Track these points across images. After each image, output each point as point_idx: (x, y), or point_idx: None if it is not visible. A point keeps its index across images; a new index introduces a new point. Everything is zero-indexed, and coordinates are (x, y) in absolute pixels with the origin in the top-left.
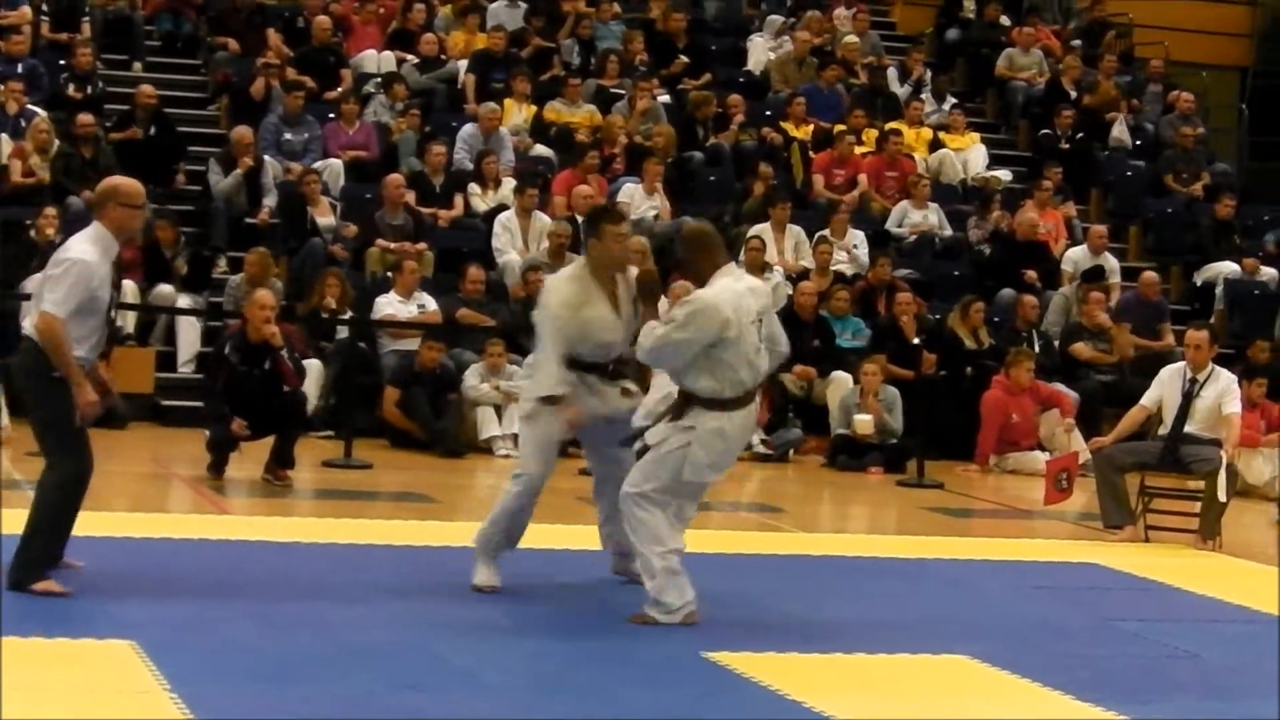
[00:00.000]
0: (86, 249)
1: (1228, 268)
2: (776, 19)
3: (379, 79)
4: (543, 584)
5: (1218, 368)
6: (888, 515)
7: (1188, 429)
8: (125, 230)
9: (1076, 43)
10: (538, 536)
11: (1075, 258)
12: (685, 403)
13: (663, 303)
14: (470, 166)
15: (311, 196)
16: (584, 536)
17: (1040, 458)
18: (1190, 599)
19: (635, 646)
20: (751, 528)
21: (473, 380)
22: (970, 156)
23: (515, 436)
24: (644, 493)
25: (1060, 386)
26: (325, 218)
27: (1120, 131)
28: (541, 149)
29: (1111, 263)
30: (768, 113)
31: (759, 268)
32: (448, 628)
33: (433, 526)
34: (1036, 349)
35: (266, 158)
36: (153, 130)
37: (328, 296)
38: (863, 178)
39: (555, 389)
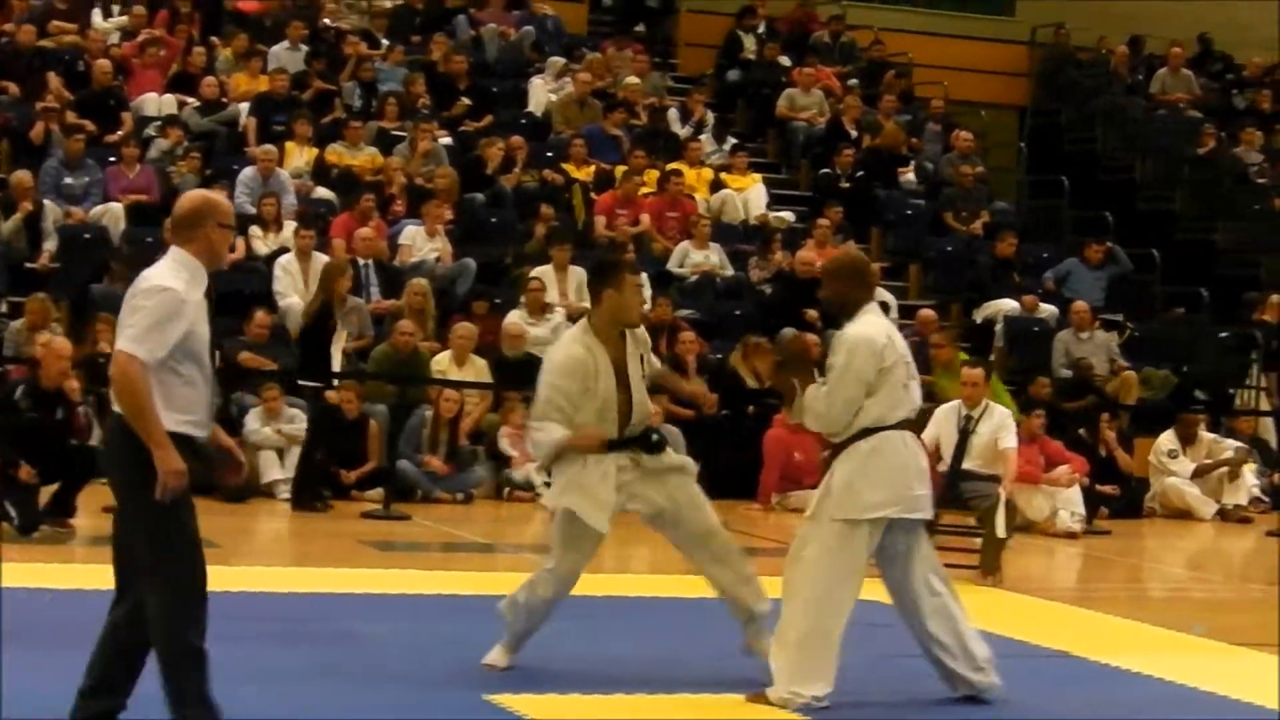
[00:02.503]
0: (169, 277)
1: (1007, 305)
2: (557, 61)
3: (160, 122)
4: (328, 629)
5: (991, 403)
6: (671, 554)
7: (965, 465)
8: (218, 258)
9: (856, 83)
10: (326, 581)
11: None
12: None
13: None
14: (252, 209)
15: None
16: (370, 580)
17: None
18: None
19: (418, 690)
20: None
21: (254, 424)
22: (751, 196)
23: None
24: None
25: None
26: None
27: (910, 175)
28: (323, 191)
29: (890, 300)
30: (549, 154)
31: (540, 309)
32: (229, 674)
33: (215, 571)
34: None
35: (47, 201)
36: None
37: (101, 341)
38: (644, 218)
39: (553, 440)
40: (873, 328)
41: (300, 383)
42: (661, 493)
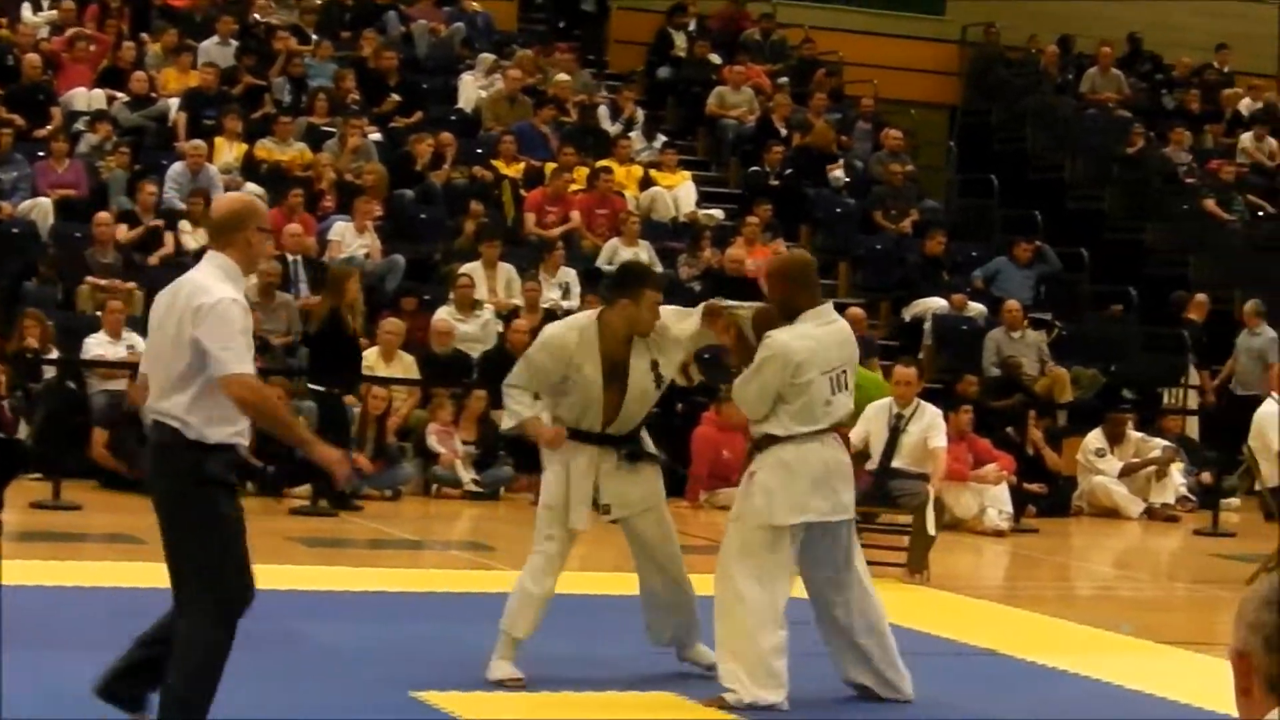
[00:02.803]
0: (225, 285)
1: (936, 303)
2: (488, 57)
3: (89, 117)
4: (254, 626)
5: (923, 403)
6: (601, 552)
7: (895, 464)
8: (256, 262)
9: (786, 81)
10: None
11: None
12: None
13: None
14: (181, 205)
15: None
16: (297, 576)
17: None
18: (898, 632)
19: (344, 687)
20: (463, 566)
21: None
22: (681, 194)
23: None
24: None
25: None
26: None
27: (839, 172)
28: (253, 187)
29: None
30: (479, 150)
31: (469, 305)
32: None
33: (143, 568)
34: None
35: None
36: None
37: (28, 337)
38: (574, 215)
39: (519, 415)
40: (798, 340)
41: (310, 386)
42: (635, 494)
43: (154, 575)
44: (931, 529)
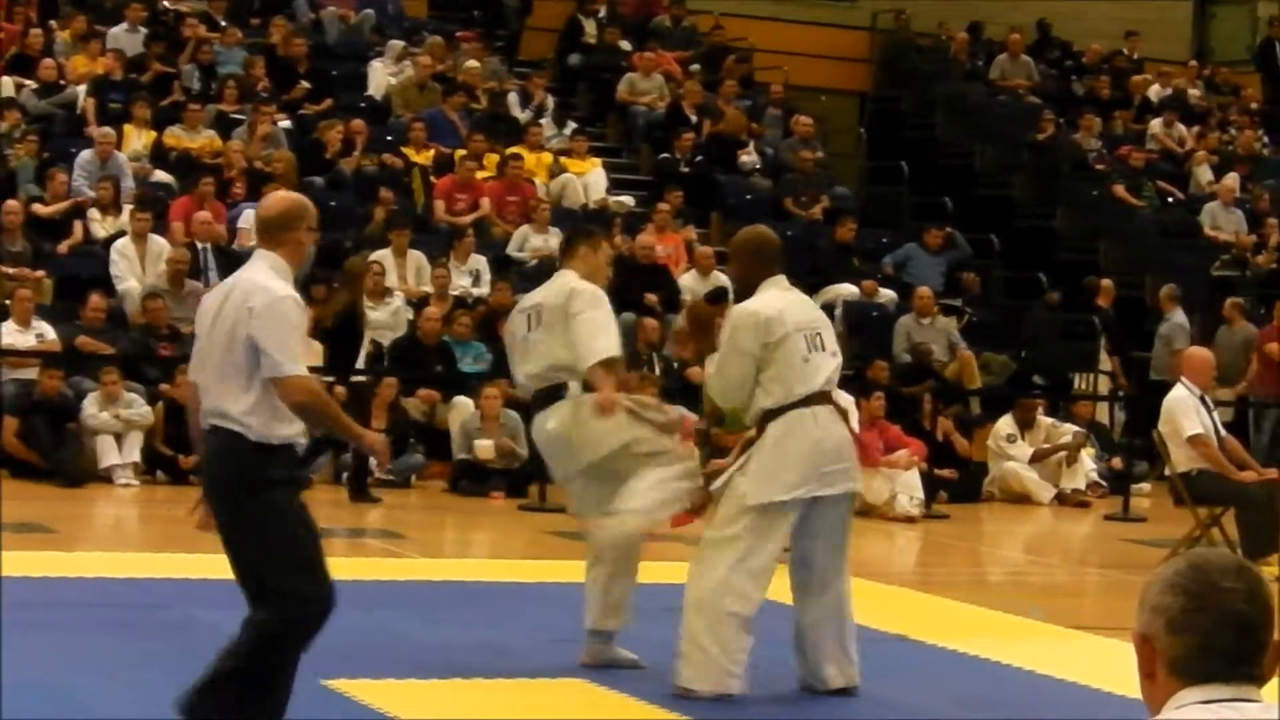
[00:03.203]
0: (281, 283)
1: (847, 289)
2: (397, 44)
3: None
4: (167, 615)
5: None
6: (511, 540)
7: None
8: (304, 261)
9: (696, 68)
10: (166, 566)
11: (688, 282)
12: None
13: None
14: (90, 192)
15: None
16: (209, 565)
17: None
18: None
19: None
20: (374, 554)
21: (92, 409)
22: (591, 181)
23: (135, 465)
24: None
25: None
26: None
27: (749, 157)
28: (162, 175)
29: (724, 282)
30: (389, 138)
31: (379, 293)
32: (62, 659)
33: (52, 557)
34: (658, 372)
35: None
36: None
37: None
38: (484, 202)
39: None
40: (760, 302)
41: (326, 379)
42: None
43: (65, 564)
44: None
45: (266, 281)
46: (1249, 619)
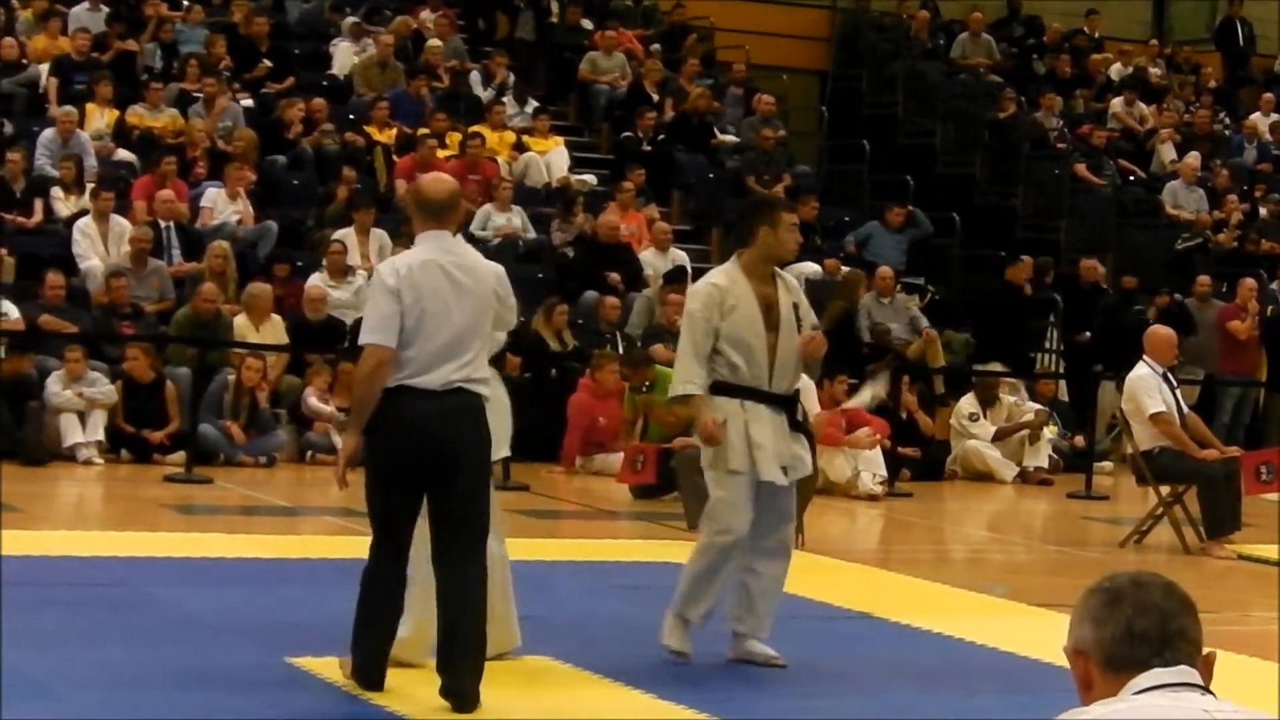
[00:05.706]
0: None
1: (809, 268)
2: (358, 22)
3: None
4: (128, 593)
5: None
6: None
7: None
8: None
9: (657, 46)
10: (127, 545)
11: (649, 259)
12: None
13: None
14: (52, 171)
15: None
16: (170, 544)
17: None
18: None
19: (219, 653)
20: (337, 532)
21: (55, 387)
22: (553, 159)
23: (99, 443)
24: None
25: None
26: None
27: (726, 138)
28: (124, 154)
29: (684, 261)
30: (351, 116)
31: (341, 272)
32: (24, 638)
33: (14, 536)
34: (620, 350)
35: None
36: None
37: None
38: None
39: (685, 386)
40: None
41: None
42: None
43: (27, 543)
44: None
45: (480, 258)
46: (1166, 607)
